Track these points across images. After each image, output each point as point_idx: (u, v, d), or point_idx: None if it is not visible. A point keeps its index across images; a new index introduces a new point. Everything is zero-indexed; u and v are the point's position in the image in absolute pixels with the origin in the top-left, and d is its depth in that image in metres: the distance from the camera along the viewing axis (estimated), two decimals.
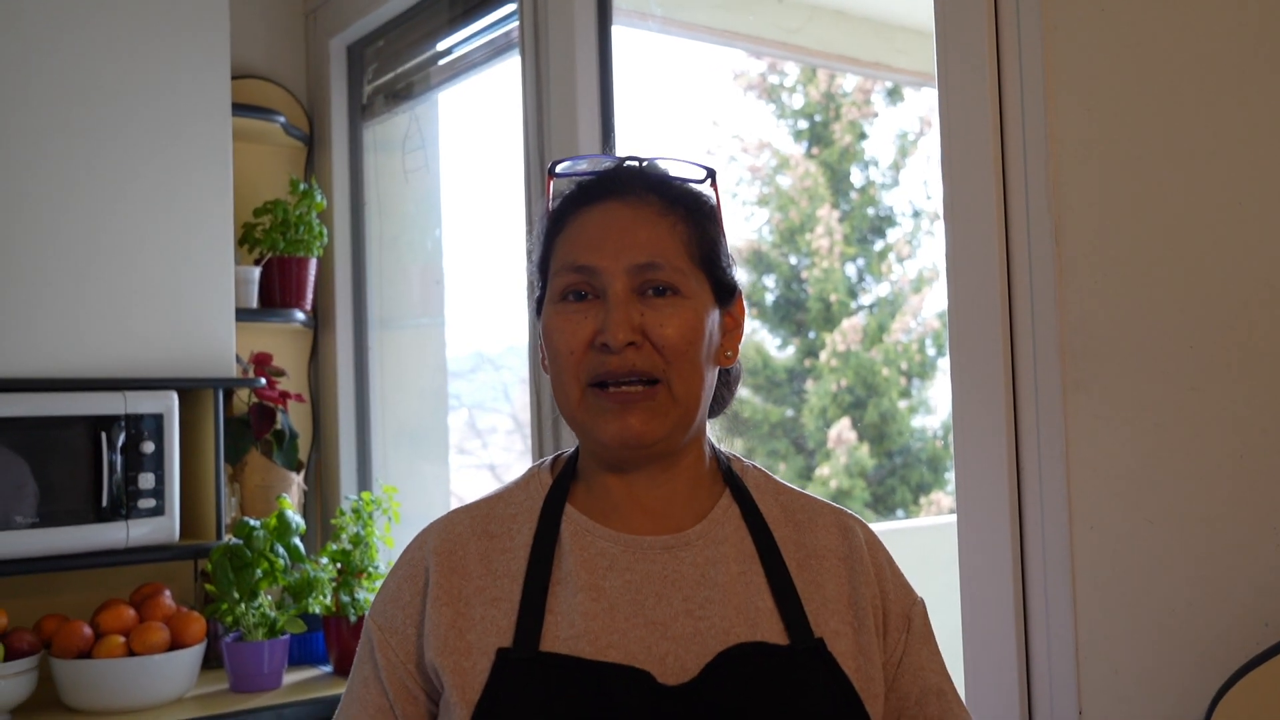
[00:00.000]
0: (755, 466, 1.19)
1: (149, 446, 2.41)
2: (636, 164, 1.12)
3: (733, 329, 1.14)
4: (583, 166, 1.14)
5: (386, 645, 1.08)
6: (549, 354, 1.08)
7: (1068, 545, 1.42)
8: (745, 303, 1.17)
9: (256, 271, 2.83)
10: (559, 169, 1.14)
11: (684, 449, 1.11)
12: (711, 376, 1.11)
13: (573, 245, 1.07)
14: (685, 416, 1.07)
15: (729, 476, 1.16)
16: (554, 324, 1.07)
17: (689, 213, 1.09)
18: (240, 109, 2.77)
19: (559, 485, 1.12)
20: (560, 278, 1.07)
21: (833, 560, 1.12)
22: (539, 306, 1.13)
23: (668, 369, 1.04)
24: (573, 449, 1.17)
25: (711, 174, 1.14)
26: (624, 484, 1.10)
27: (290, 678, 2.52)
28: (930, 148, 7.68)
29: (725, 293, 1.12)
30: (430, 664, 1.05)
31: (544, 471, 1.16)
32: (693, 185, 1.13)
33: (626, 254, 1.04)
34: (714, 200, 1.13)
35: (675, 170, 1.13)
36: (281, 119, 2.93)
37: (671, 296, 1.05)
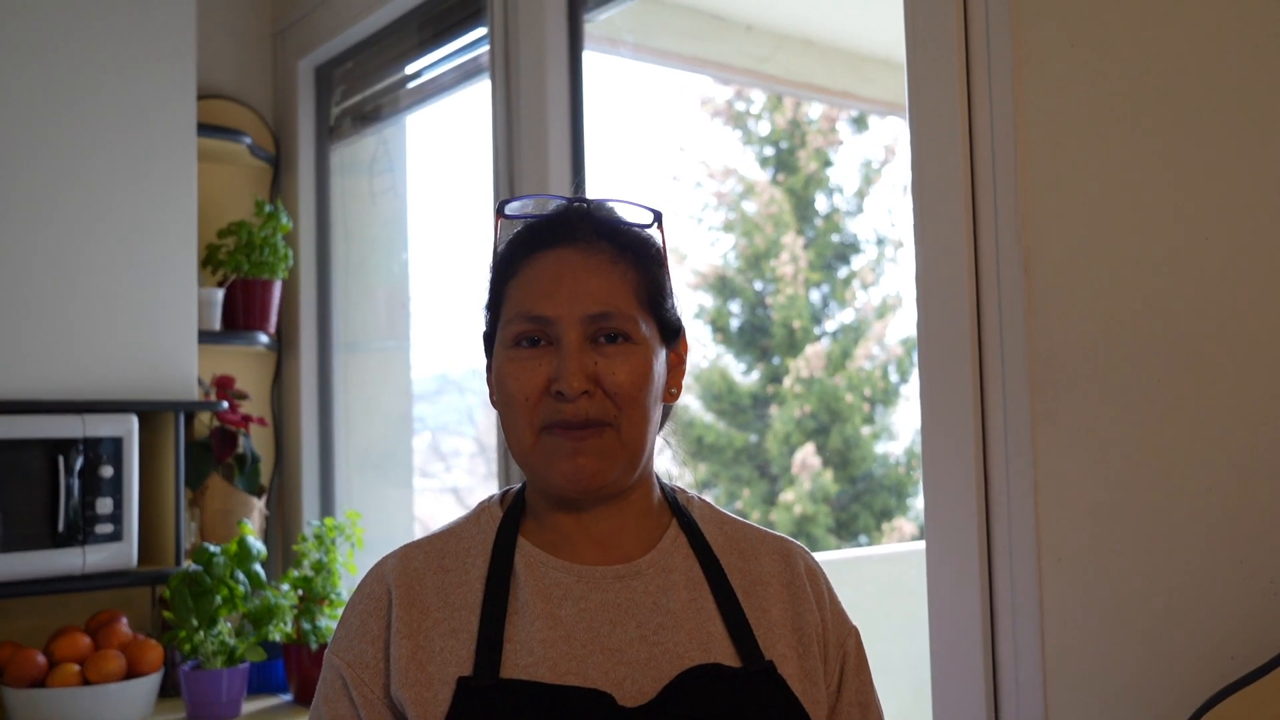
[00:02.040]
0: (700, 498, 1.23)
1: (107, 470, 2.37)
2: (585, 207, 1.14)
3: (677, 365, 1.18)
4: (531, 207, 1.16)
5: (361, 683, 1.07)
6: (502, 399, 1.11)
7: (1035, 576, 1.43)
8: (689, 338, 1.21)
9: (220, 293, 2.80)
10: (509, 210, 1.16)
11: (633, 485, 1.14)
12: (658, 415, 1.14)
13: (526, 293, 1.09)
14: (633, 458, 1.10)
15: (675, 507, 1.19)
16: (508, 370, 1.09)
17: (637, 258, 1.12)
18: (206, 129, 2.75)
19: (509, 518, 1.15)
20: (514, 325, 1.09)
21: (776, 586, 1.16)
22: (486, 343, 1.16)
23: (619, 414, 1.07)
24: (520, 484, 1.20)
25: (658, 216, 1.17)
26: (574, 518, 1.13)
27: (249, 707, 2.48)
28: (895, 176, 7.75)
29: (670, 332, 1.15)
30: (395, 697, 1.05)
31: (494, 506, 1.18)
32: (639, 229, 1.16)
33: (580, 303, 1.07)
34: (659, 242, 1.17)
35: (624, 214, 1.16)
36: (247, 140, 2.90)
37: (623, 343, 1.09)
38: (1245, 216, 1.26)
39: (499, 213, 1.16)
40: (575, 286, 1.08)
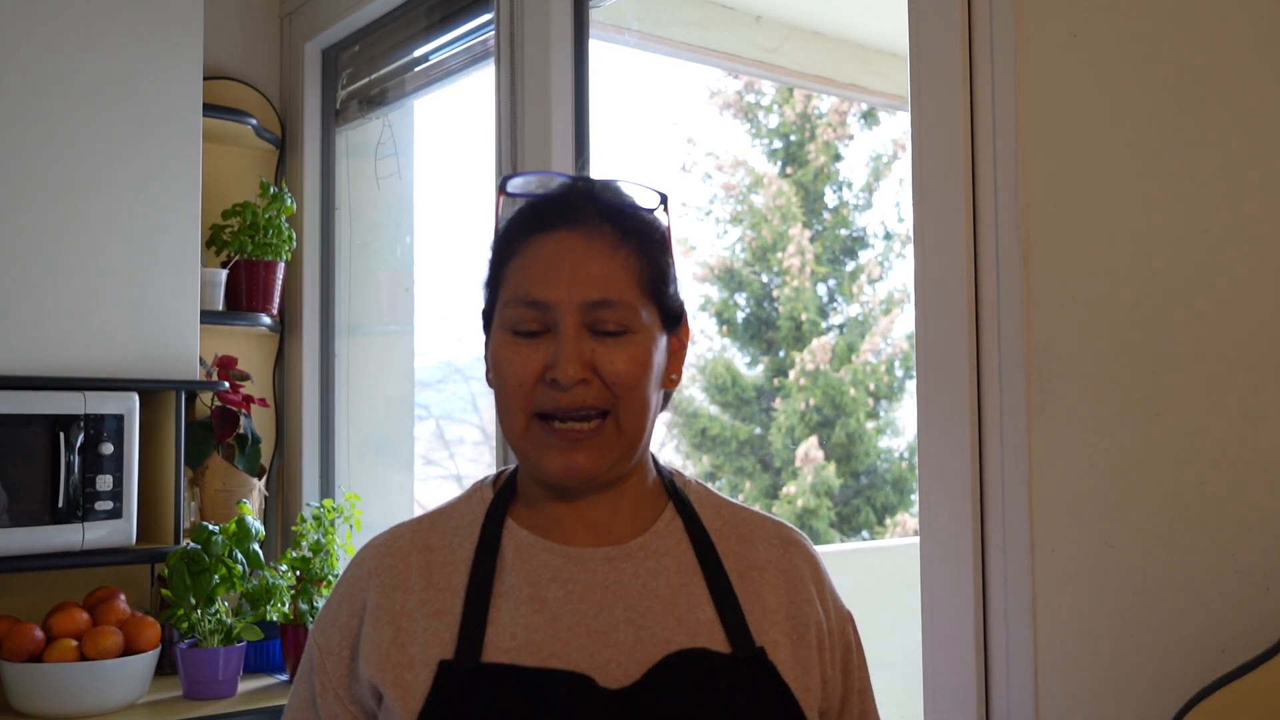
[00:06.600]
0: (697, 481, 1.21)
1: (108, 448, 2.38)
2: (589, 187, 1.11)
3: (678, 351, 1.15)
4: (534, 184, 1.13)
5: (323, 668, 1.09)
6: (496, 381, 1.09)
7: (1029, 567, 1.43)
8: (691, 323, 1.19)
9: (223, 274, 2.80)
10: (511, 187, 1.12)
11: (628, 470, 1.12)
12: (657, 401, 1.12)
13: (525, 276, 1.07)
14: (630, 448, 1.08)
15: (672, 490, 1.18)
16: (503, 354, 1.07)
17: (641, 243, 1.09)
18: (212, 110, 2.75)
19: (500, 500, 1.14)
20: (511, 309, 1.07)
21: (772, 572, 1.14)
22: (486, 321, 1.14)
23: (616, 403, 1.05)
24: (514, 465, 1.18)
25: (664, 199, 1.14)
26: (567, 504, 1.12)
27: (245, 686, 2.48)
28: (904, 171, 7.74)
29: (672, 319, 1.13)
30: (368, 683, 1.05)
31: (485, 487, 1.17)
32: (644, 212, 1.12)
33: (580, 289, 1.04)
34: (664, 225, 1.14)
35: (628, 195, 1.13)
36: (253, 121, 2.90)
37: (623, 332, 1.06)
38: (1245, 211, 1.25)
39: (501, 189, 1.12)
40: (575, 272, 1.05)
